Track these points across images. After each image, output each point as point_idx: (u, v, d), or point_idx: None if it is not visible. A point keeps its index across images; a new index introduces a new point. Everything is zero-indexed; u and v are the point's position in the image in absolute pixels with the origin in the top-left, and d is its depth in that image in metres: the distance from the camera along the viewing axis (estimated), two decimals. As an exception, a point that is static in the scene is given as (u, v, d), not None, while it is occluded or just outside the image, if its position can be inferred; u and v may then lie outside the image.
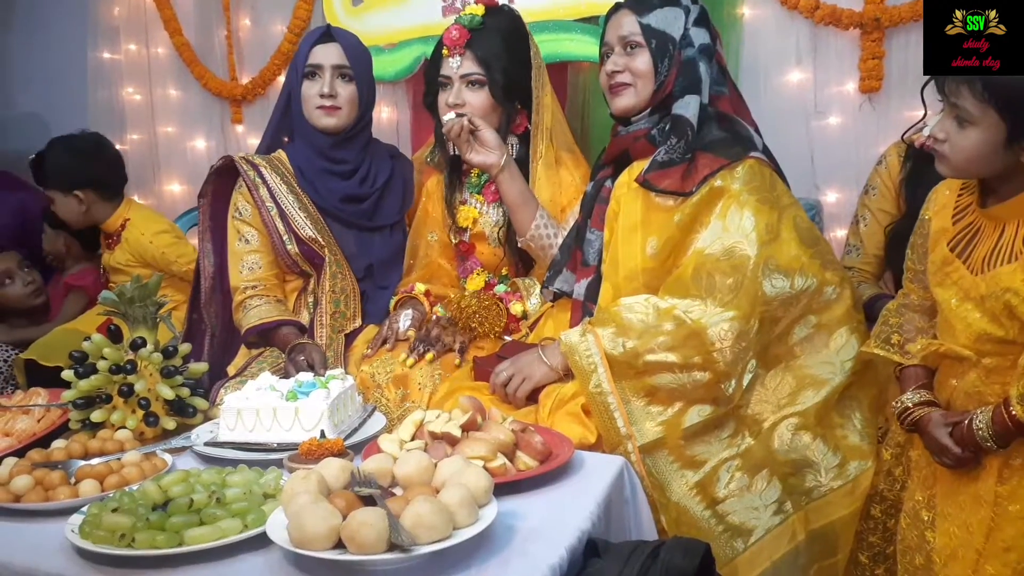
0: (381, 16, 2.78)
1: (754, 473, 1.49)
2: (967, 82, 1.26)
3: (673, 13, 1.66)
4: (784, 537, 1.48)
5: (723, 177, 1.57)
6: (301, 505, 0.97)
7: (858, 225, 2.02)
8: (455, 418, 1.32)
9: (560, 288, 1.80)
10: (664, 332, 1.47)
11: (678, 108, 1.64)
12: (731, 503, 1.47)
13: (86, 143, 2.69)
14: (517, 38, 1.96)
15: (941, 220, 1.43)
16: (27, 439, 1.52)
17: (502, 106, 1.94)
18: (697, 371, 1.47)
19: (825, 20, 2.25)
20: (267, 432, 1.39)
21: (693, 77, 1.64)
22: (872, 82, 2.25)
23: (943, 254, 1.40)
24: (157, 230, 2.65)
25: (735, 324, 1.47)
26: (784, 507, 1.48)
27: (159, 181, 3.32)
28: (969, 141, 1.29)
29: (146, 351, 1.50)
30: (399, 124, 2.85)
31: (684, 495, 1.46)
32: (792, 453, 1.52)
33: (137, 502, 1.08)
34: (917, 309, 1.51)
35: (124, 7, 3.25)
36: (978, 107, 1.26)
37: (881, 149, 2.08)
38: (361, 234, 2.08)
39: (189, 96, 3.24)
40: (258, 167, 2.03)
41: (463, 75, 1.91)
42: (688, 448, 1.48)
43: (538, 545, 1.06)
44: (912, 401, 1.42)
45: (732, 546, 1.45)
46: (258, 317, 1.97)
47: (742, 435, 1.53)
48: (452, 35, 1.92)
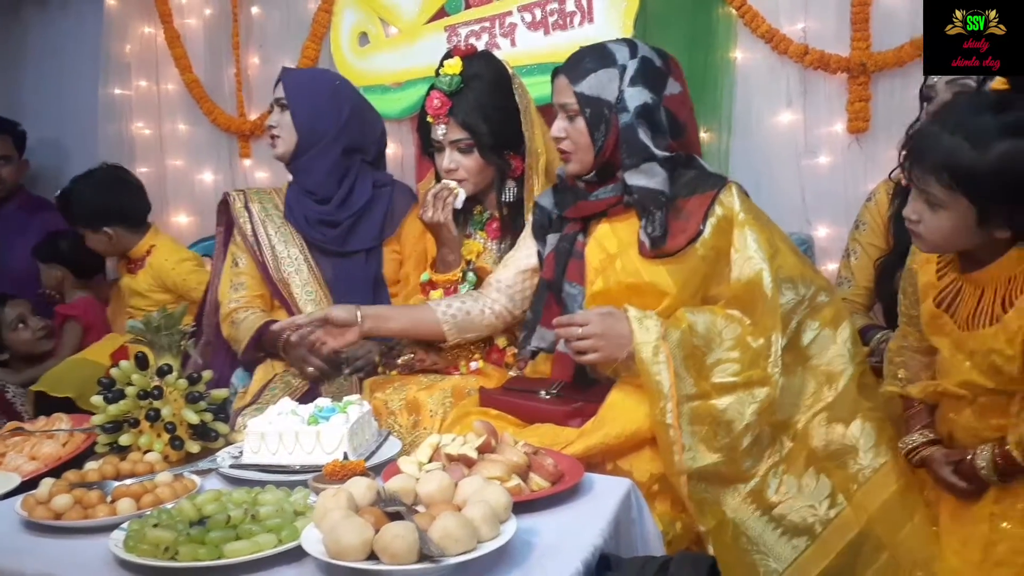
0: (387, 57, 2.90)
1: (801, 473, 1.53)
2: (934, 172, 1.31)
3: (607, 75, 1.67)
4: (844, 528, 1.50)
5: (719, 204, 1.65)
6: (336, 520, 1.04)
7: (849, 259, 2.11)
8: (470, 441, 1.39)
9: (537, 346, 1.79)
10: (729, 356, 1.55)
11: (634, 179, 1.65)
12: (785, 505, 1.50)
13: (108, 178, 2.79)
14: (500, 87, 1.97)
15: (926, 274, 1.50)
16: (53, 463, 1.57)
17: (493, 163, 1.99)
18: (757, 387, 1.53)
19: (814, 64, 2.36)
20: (289, 455, 1.44)
21: (634, 144, 1.65)
22: (859, 123, 2.36)
23: (931, 309, 1.48)
24: (180, 258, 2.76)
25: (776, 340, 1.55)
26: (837, 500, 1.51)
27: (167, 213, 3.39)
28: (941, 223, 1.34)
29: (172, 377, 1.56)
30: (403, 159, 2.95)
31: (738, 507, 1.50)
32: (831, 446, 1.55)
33: (175, 519, 1.14)
34: (917, 350, 1.61)
35: (136, 44, 3.35)
36: (946, 194, 1.32)
37: (869, 187, 2.19)
38: (335, 259, 2.19)
39: (198, 131, 3.34)
40: (248, 201, 2.23)
41: (451, 141, 1.96)
42: (739, 464, 1.53)
43: (555, 560, 1.12)
44: (917, 441, 1.52)
45: (794, 545, 1.48)
46: (249, 328, 2.11)
47: (780, 441, 1.56)
48: (434, 103, 1.94)
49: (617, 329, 1.56)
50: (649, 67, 1.69)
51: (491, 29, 2.70)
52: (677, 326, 1.56)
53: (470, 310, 1.86)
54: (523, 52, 2.63)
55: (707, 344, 1.57)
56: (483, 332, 1.91)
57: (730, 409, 1.53)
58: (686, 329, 1.56)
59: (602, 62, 1.69)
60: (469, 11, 2.74)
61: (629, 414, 1.57)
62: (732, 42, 2.48)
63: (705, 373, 1.55)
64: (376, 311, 1.83)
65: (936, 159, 1.32)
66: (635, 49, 1.71)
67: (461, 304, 1.87)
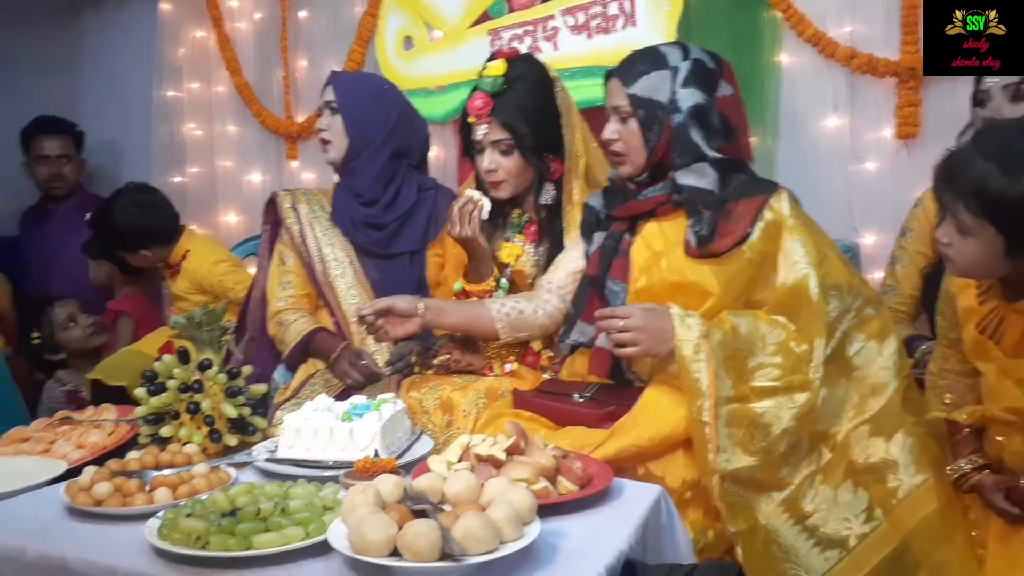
0: (431, 60, 2.92)
1: (838, 484, 1.51)
2: (963, 197, 1.28)
3: (660, 77, 1.67)
4: (880, 543, 1.47)
5: (769, 208, 1.64)
6: (361, 515, 1.05)
7: (895, 266, 2.07)
8: (500, 442, 1.39)
9: (576, 340, 1.80)
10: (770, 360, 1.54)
11: (685, 179, 1.65)
12: (820, 516, 1.48)
13: (135, 204, 2.80)
14: (542, 89, 1.96)
15: (967, 298, 1.46)
16: (99, 451, 1.62)
17: (533, 165, 1.99)
18: (797, 392, 1.52)
19: (861, 68, 2.32)
20: (323, 450, 1.47)
21: (686, 144, 1.65)
22: (909, 128, 2.30)
23: (974, 335, 1.44)
24: (215, 259, 2.80)
25: (820, 346, 1.53)
26: (874, 514, 1.49)
27: (216, 212, 3.48)
28: (970, 249, 1.31)
29: (212, 372, 1.60)
30: (446, 162, 2.97)
31: (771, 513, 1.48)
32: (871, 459, 1.52)
33: (208, 509, 1.16)
34: (959, 372, 1.57)
35: (188, 48, 3.44)
36: (974, 220, 1.28)
37: (917, 193, 2.13)
38: (380, 262, 2.22)
39: (247, 132, 3.41)
40: (296, 202, 2.27)
41: (492, 141, 1.96)
42: (775, 470, 1.51)
43: (579, 563, 1.11)
44: (966, 468, 1.49)
45: (826, 557, 1.46)
46: (297, 332, 2.16)
47: (819, 451, 1.54)
48: (476, 104, 1.94)
49: (659, 324, 1.56)
50: (702, 69, 1.69)
51: (534, 33, 2.71)
52: (720, 327, 1.55)
53: (523, 309, 1.87)
54: (566, 56, 2.63)
55: (749, 347, 1.55)
56: (535, 332, 1.91)
57: (768, 413, 1.52)
58: (729, 331, 1.55)
59: (655, 64, 1.69)
60: (512, 15, 2.75)
61: (663, 416, 1.56)
62: (777, 45, 2.45)
63: (745, 376, 1.54)
64: (436, 303, 1.86)
65: (966, 184, 1.28)
66: (687, 51, 1.71)
67: (515, 303, 1.88)
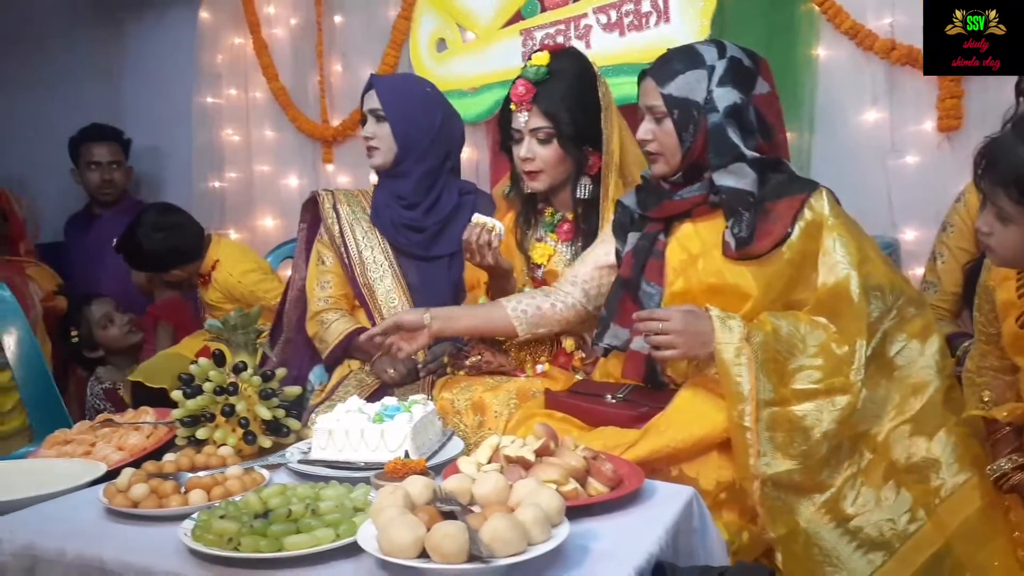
0: (464, 61, 2.93)
1: (880, 486, 1.49)
2: (1003, 185, 1.26)
3: (695, 76, 1.65)
4: (924, 544, 1.45)
5: (809, 208, 1.62)
6: (389, 517, 1.06)
7: (935, 262, 2.02)
8: (529, 444, 1.39)
9: (610, 343, 1.77)
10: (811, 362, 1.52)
11: (724, 180, 1.63)
12: (862, 518, 1.46)
13: (157, 227, 2.83)
14: (584, 82, 1.96)
15: (1006, 292, 1.43)
16: (138, 453, 1.65)
17: (572, 156, 1.98)
18: (838, 394, 1.50)
19: (901, 61, 2.27)
20: (355, 452, 1.48)
21: (723, 144, 1.63)
22: (951, 121, 2.24)
23: (1014, 330, 1.41)
24: (245, 269, 2.83)
25: (861, 348, 1.51)
26: (918, 515, 1.46)
27: (254, 216, 3.53)
28: (1012, 237, 1.29)
29: (247, 374, 1.62)
30: (479, 163, 2.98)
31: (812, 516, 1.47)
32: (912, 459, 1.50)
33: (241, 511, 1.18)
34: (999, 369, 1.54)
35: (227, 55, 3.50)
36: (1015, 208, 1.26)
37: (959, 187, 2.07)
38: (419, 264, 2.23)
39: (284, 137, 3.45)
40: (337, 203, 2.28)
41: (532, 129, 1.95)
42: (816, 473, 1.49)
43: (608, 565, 1.11)
44: (1006, 467, 1.45)
45: (870, 560, 1.44)
46: (338, 332, 2.17)
47: (860, 452, 1.52)
48: (519, 90, 1.95)
49: (698, 327, 1.54)
50: (738, 67, 1.66)
51: (566, 32, 2.70)
52: (761, 329, 1.54)
53: (540, 305, 1.87)
54: (598, 54, 2.60)
55: (790, 349, 1.53)
56: (555, 327, 1.90)
57: (809, 416, 1.50)
58: (769, 333, 1.53)
59: (690, 63, 1.66)
60: (544, 14, 2.75)
61: (698, 418, 1.54)
62: (814, 38, 2.41)
63: (786, 379, 1.52)
64: (444, 312, 1.86)
65: (1006, 171, 1.25)
66: (724, 49, 1.69)
67: (531, 300, 1.88)
